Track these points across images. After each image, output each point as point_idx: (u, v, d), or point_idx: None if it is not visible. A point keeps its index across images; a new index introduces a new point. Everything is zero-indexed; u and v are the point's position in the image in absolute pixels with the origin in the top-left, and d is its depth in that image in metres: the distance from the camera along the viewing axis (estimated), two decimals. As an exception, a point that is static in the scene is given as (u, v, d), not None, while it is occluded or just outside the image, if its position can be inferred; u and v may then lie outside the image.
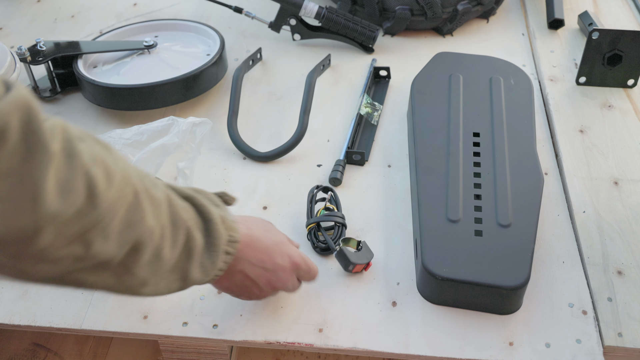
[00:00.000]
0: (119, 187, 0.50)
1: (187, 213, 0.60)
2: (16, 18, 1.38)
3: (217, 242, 0.62)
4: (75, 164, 0.46)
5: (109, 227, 0.49)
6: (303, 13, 1.21)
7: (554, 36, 1.27)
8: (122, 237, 0.51)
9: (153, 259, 0.55)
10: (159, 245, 0.55)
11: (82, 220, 0.47)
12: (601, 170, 0.97)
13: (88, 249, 0.49)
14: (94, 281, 0.53)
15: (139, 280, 0.56)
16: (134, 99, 1.06)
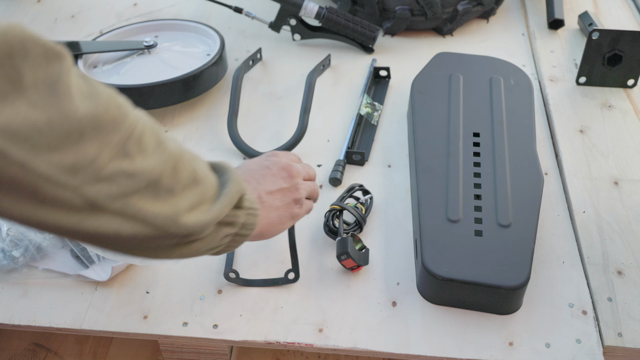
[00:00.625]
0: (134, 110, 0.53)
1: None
2: (16, 18, 1.38)
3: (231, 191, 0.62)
4: (88, 79, 0.49)
5: (142, 139, 0.51)
6: (303, 13, 1.22)
7: (554, 36, 1.27)
8: (159, 154, 0.53)
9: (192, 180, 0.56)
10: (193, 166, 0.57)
11: (118, 128, 0.49)
12: (601, 171, 0.97)
13: (132, 162, 0.50)
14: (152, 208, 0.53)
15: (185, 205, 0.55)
16: (134, 99, 1.04)
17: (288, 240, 0.87)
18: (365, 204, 0.90)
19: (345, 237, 0.82)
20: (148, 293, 0.82)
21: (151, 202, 0.53)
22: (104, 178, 0.48)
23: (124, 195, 0.50)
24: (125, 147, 0.50)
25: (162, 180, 0.53)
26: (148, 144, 0.52)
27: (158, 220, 0.54)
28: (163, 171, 0.53)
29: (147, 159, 0.51)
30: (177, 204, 0.55)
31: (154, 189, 0.53)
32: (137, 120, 0.52)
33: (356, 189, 0.91)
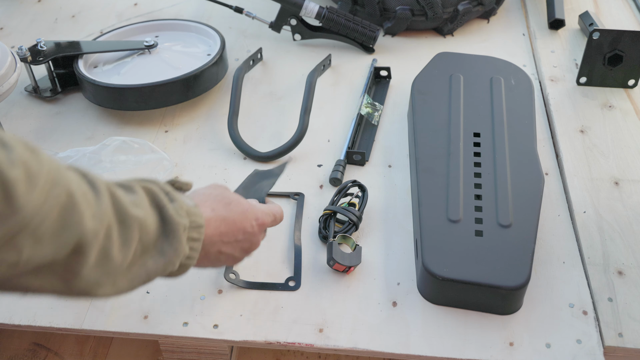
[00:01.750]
0: (45, 189, 0.47)
1: (137, 207, 0.57)
2: (17, 18, 1.38)
3: (175, 227, 0.60)
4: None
5: (38, 230, 0.47)
6: (304, 13, 1.22)
7: (555, 36, 1.27)
8: (59, 240, 0.49)
9: (101, 259, 0.53)
10: (106, 245, 0.53)
11: (5, 224, 0.45)
12: (602, 171, 0.97)
13: (20, 254, 0.47)
14: (39, 285, 0.51)
15: (90, 282, 0.53)
16: (134, 99, 1.06)
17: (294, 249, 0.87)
18: (359, 201, 0.90)
19: (330, 243, 0.83)
20: (148, 293, 0.82)
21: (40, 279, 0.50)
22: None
23: (4, 280, 0.49)
24: (13, 241, 0.46)
25: (57, 263, 0.50)
26: (46, 232, 0.48)
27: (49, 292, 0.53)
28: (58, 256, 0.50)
29: (39, 249, 0.48)
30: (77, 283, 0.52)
31: (45, 270, 0.50)
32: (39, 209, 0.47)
33: (349, 186, 0.91)
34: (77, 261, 0.51)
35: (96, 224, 0.51)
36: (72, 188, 0.50)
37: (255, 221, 0.72)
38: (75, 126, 0.93)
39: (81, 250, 0.51)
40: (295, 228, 0.89)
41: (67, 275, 0.51)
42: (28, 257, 0.47)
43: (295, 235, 0.88)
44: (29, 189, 0.46)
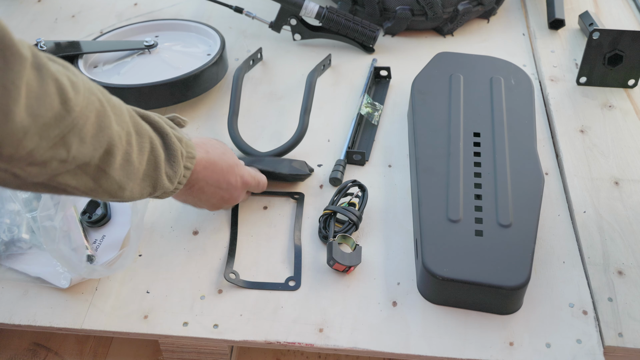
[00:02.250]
0: (85, 95, 0.55)
1: (146, 125, 0.67)
2: (17, 18, 1.38)
3: (175, 153, 0.69)
4: (44, 74, 0.51)
5: (83, 130, 0.55)
6: (303, 13, 1.22)
7: (555, 36, 1.27)
8: (96, 141, 0.57)
9: (124, 162, 0.62)
10: (127, 150, 0.62)
11: (61, 123, 0.52)
12: (602, 171, 0.97)
13: (69, 151, 0.55)
14: (76, 184, 0.59)
15: (116, 183, 0.62)
16: (134, 99, 1.06)
17: (294, 249, 0.87)
18: (359, 200, 0.90)
19: (330, 243, 0.83)
20: (148, 293, 0.82)
21: (77, 179, 0.58)
22: (37, 163, 0.53)
23: (52, 175, 0.56)
24: (65, 138, 0.54)
25: (92, 163, 0.58)
26: (88, 132, 0.56)
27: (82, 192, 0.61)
28: (94, 157, 0.58)
29: (83, 147, 0.56)
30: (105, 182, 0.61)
31: (83, 170, 0.58)
32: (83, 111, 0.55)
33: (349, 186, 0.91)
34: (107, 161, 0.60)
35: (120, 129, 0.60)
36: (101, 97, 0.58)
37: (240, 177, 0.83)
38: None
39: (111, 152, 0.59)
40: (295, 228, 0.89)
41: (98, 175, 0.60)
42: (74, 155, 0.55)
43: (295, 235, 0.88)
44: (75, 94, 0.54)
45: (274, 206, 0.94)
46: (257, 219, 0.92)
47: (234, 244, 0.88)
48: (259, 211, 0.93)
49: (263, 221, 0.92)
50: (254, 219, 0.92)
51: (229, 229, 0.90)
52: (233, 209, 0.93)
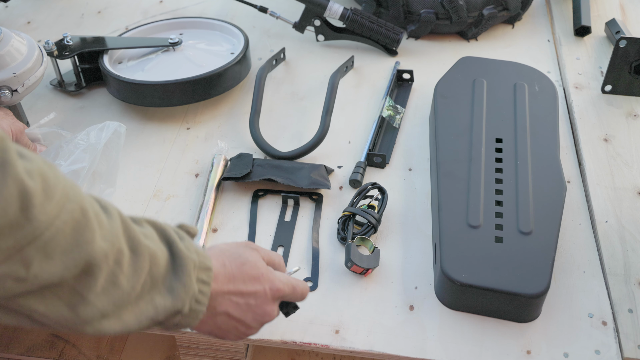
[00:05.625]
0: (60, 203, 0.47)
1: (147, 239, 0.56)
2: (44, 12, 1.40)
3: (184, 262, 0.58)
4: (6, 173, 0.43)
5: (50, 244, 0.46)
6: (328, 14, 1.22)
7: (580, 43, 1.26)
8: (69, 257, 0.47)
9: (109, 286, 0.51)
10: (115, 271, 0.51)
11: (16, 234, 0.44)
12: (625, 180, 0.96)
13: (28, 268, 0.45)
14: (45, 310, 0.49)
15: (97, 311, 0.51)
16: (157, 96, 1.06)
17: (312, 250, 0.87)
18: (378, 203, 0.90)
19: (348, 245, 0.83)
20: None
21: (45, 303, 0.49)
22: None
23: (8, 296, 0.47)
24: (22, 252, 0.45)
25: (64, 284, 0.48)
26: (57, 247, 0.47)
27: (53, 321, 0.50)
28: (65, 277, 0.48)
29: (48, 265, 0.46)
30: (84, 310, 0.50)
31: (52, 292, 0.48)
32: (52, 221, 0.46)
33: (368, 188, 0.91)
34: (85, 284, 0.49)
35: (107, 245, 0.50)
36: (86, 206, 0.49)
37: (270, 287, 0.66)
38: (98, 121, 0.94)
39: (90, 272, 0.49)
40: (314, 229, 0.90)
41: (74, 300, 0.50)
42: (36, 273, 0.46)
43: (313, 236, 0.88)
44: (45, 200, 0.45)
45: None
46: (275, 219, 0.92)
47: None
48: (277, 211, 0.93)
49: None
50: (273, 218, 0.92)
51: (247, 227, 0.91)
52: (252, 208, 0.93)
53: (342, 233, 0.88)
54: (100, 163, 0.88)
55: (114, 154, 0.90)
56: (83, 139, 0.90)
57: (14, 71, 0.92)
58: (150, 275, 0.55)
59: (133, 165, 1.01)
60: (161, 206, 0.94)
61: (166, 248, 0.58)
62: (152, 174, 1.00)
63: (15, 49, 0.93)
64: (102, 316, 0.52)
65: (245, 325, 0.66)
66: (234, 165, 0.97)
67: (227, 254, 0.66)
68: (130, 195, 0.96)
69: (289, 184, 0.93)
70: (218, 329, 0.65)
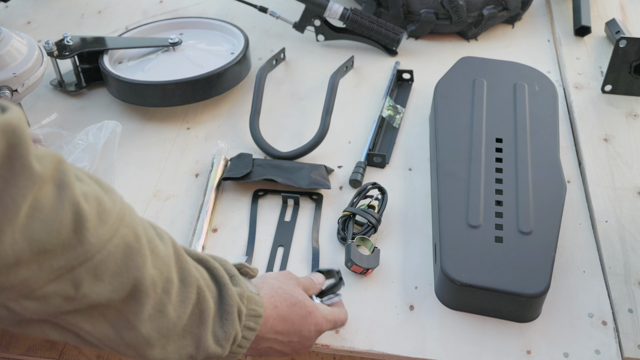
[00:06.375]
0: (114, 227, 0.48)
1: (199, 271, 0.57)
2: (44, 12, 1.40)
3: (230, 309, 0.59)
4: (63, 194, 0.45)
5: (101, 266, 0.47)
6: (327, 14, 1.22)
7: (580, 43, 1.26)
8: (118, 281, 0.48)
9: (156, 313, 0.52)
10: (163, 299, 0.52)
11: (68, 254, 0.45)
12: (625, 180, 0.96)
13: (77, 288, 0.46)
14: (90, 329, 0.50)
15: (142, 337, 0.52)
16: (157, 96, 1.06)
17: (312, 251, 0.87)
18: (378, 203, 0.90)
19: (348, 245, 0.83)
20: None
21: (92, 322, 0.50)
22: (34, 297, 0.45)
23: (56, 313, 0.48)
24: (73, 273, 0.46)
25: (111, 306, 0.49)
26: (107, 270, 0.48)
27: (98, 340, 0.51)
28: (113, 299, 0.49)
29: (97, 286, 0.47)
30: (128, 334, 0.51)
31: (99, 312, 0.49)
32: (105, 244, 0.47)
33: (368, 188, 0.91)
34: (132, 308, 0.50)
35: (157, 273, 0.51)
36: (139, 232, 0.50)
37: (315, 327, 0.69)
38: (98, 121, 0.94)
39: (138, 297, 0.50)
40: (314, 229, 0.90)
41: (120, 323, 0.51)
42: (85, 293, 0.47)
43: (313, 236, 0.89)
44: (99, 223, 0.47)
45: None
46: (275, 219, 0.92)
47: (252, 242, 0.88)
48: (277, 211, 0.93)
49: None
50: (273, 218, 0.92)
51: (247, 227, 0.91)
52: (252, 208, 0.93)
53: (342, 233, 0.88)
54: (99, 162, 0.88)
55: (110, 153, 0.91)
56: (82, 138, 0.90)
57: (14, 71, 0.92)
58: (199, 309, 0.56)
59: (133, 165, 1.01)
60: (161, 206, 0.94)
61: (215, 289, 0.59)
62: (152, 174, 1.00)
63: (15, 49, 0.93)
64: (147, 343, 0.53)
65: (282, 354, 0.69)
66: (234, 165, 0.97)
67: (280, 292, 0.67)
68: (130, 195, 0.96)
69: (289, 184, 0.93)
70: (257, 353, 0.68)
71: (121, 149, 1.01)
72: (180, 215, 0.93)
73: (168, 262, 0.53)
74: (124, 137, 1.03)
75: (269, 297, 0.66)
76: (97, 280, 0.47)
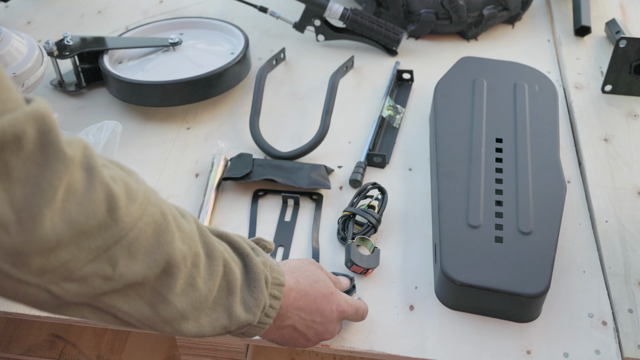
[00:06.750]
0: (142, 205, 0.49)
1: (222, 245, 0.58)
2: (44, 12, 1.40)
3: (258, 277, 0.60)
4: (93, 177, 0.46)
5: (134, 244, 0.48)
6: (328, 14, 1.22)
7: (580, 43, 1.26)
8: (151, 258, 0.50)
9: (188, 287, 0.54)
10: (192, 273, 0.54)
11: (104, 234, 0.46)
12: (625, 180, 0.96)
13: (114, 267, 0.48)
14: (128, 309, 0.51)
15: (177, 311, 0.54)
16: (157, 96, 1.06)
17: (312, 251, 0.87)
18: (378, 203, 0.90)
19: (348, 245, 0.83)
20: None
21: (129, 302, 0.51)
22: (74, 279, 0.47)
23: (95, 294, 0.49)
24: (109, 252, 0.47)
25: (146, 284, 0.51)
26: (140, 247, 0.49)
27: (136, 319, 0.53)
28: (148, 276, 0.50)
29: (132, 264, 0.49)
30: (164, 309, 0.53)
31: (135, 291, 0.51)
32: (136, 222, 0.48)
33: (368, 188, 0.91)
34: (165, 284, 0.52)
35: (185, 248, 0.53)
36: (165, 209, 0.52)
37: (337, 307, 0.69)
38: (98, 121, 0.94)
39: (170, 272, 0.52)
40: (314, 229, 0.90)
41: (155, 299, 0.52)
42: (121, 272, 0.48)
43: (313, 236, 0.89)
44: (129, 202, 0.48)
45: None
46: (275, 219, 0.92)
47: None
48: (277, 211, 0.93)
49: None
50: (273, 218, 0.92)
51: (247, 227, 0.91)
52: (252, 208, 0.93)
53: (342, 233, 0.88)
54: None
55: (110, 153, 0.91)
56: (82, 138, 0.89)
57: (14, 71, 0.92)
58: (226, 281, 0.58)
59: (133, 165, 1.01)
60: (161, 206, 0.94)
61: (240, 260, 0.60)
62: (152, 174, 1.00)
63: (15, 49, 0.93)
64: (182, 317, 0.54)
65: (306, 338, 0.69)
66: (234, 165, 0.97)
67: (301, 270, 0.69)
68: (131, 195, 0.96)
69: (289, 184, 0.93)
70: (280, 337, 0.68)
71: (121, 149, 1.01)
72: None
73: (194, 237, 0.55)
74: (123, 137, 1.03)
75: (290, 272, 0.67)
76: (132, 258, 0.49)
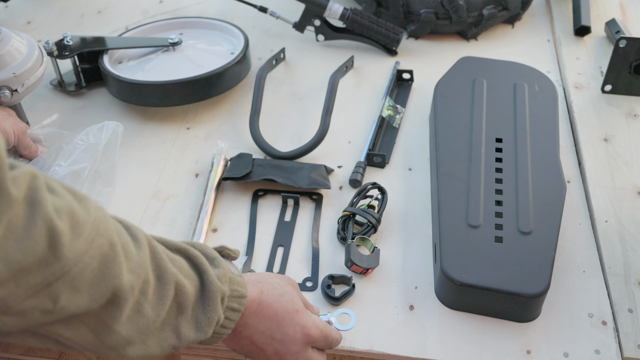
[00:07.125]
0: (89, 238, 0.48)
1: (176, 266, 0.57)
2: (44, 12, 1.40)
3: (213, 295, 0.58)
4: (35, 213, 0.44)
5: (78, 278, 0.47)
6: (327, 14, 1.22)
7: (580, 43, 1.26)
8: (96, 290, 0.49)
9: (134, 314, 0.52)
10: (140, 300, 0.53)
11: (45, 270, 0.45)
12: (625, 180, 0.96)
13: (56, 302, 0.47)
14: (70, 335, 0.50)
15: (122, 338, 0.52)
16: (157, 96, 1.06)
17: (312, 250, 0.87)
18: (378, 203, 0.90)
19: (348, 245, 0.83)
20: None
21: (71, 329, 0.50)
22: (13, 313, 0.46)
23: (35, 325, 0.48)
24: (50, 287, 0.46)
25: (90, 314, 0.50)
26: (84, 281, 0.48)
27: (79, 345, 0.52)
28: (91, 308, 0.49)
29: (75, 298, 0.48)
30: (108, 337, 0.52)
31: (79, 319, 0.50)
32: (81, 257, 0.47)
33: (368, 188, 0.91)
34: (110, 314, 0.51)
35: (134, 277, 0.52)
36: (114, 239, 0.50)
37: (301, 328, 0.65)
38: (98, 121, 0.94)
39: (116, 303, 0.51)
40: (313, 229, 0.90)
41: (99, 327, 0.51)
42: (63, 305, 0.47)
43: (313, 236, 0.89)
44: (73, 237, 0.47)
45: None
46: (275, 219, 0.92)
47: (252, 242, 0.88)
48: (277, 211, 0.93)
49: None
50: (273, 218, 0.92)
51: (247, 227, 0.91)
52: (252, 208, 0.93)
53: (342, 233, 0.88)
54: (100, 163, 0.88)
55: (112, 153, 0.91)
56: (82, 139, 0.90)
57: (14, 71, 0.92)
58: (177, 302, 0.56)
59: (133, 165, 1.01)
60: (161, 206, 0.94)
61: (197, 276, 0.59)
62: (152, 174, 1.00)
63: (15, 49, 0.93)
64: (127, 343, 0.53)
65: (265, 355, 0.66)
66: (234, 165, 0.97)
67: (268, 282, 0.66)
68: (130, 195, 0.96)
69: (289, 184, 0.93)
70: (239, 348, 0.67)
71: (121, 149, 1.01)
72: (180, 215, 0.93)
73: (144, 264, 0.53)
74: (123, 137, 1.02)
75: (254, 282, 0.65)
76: (75, 292, 0.47)
